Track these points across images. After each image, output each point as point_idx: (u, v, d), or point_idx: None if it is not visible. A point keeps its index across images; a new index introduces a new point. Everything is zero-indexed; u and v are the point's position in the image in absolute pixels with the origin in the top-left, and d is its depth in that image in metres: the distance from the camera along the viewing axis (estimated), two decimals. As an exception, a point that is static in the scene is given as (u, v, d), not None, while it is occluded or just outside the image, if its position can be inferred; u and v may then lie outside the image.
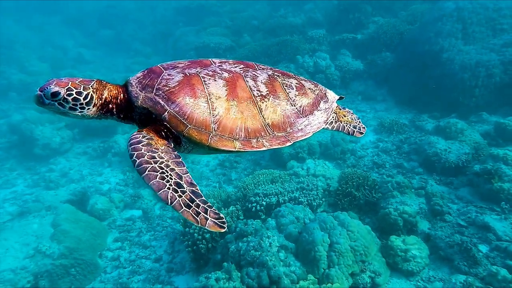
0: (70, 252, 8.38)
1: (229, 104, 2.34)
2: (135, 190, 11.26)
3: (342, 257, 6.72)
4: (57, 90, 2.17)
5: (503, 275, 6.22)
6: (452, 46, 12.35)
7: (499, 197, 8.24)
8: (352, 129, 3.10)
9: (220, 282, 6.51)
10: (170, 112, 2.25)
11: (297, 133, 2.58)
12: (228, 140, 2.33)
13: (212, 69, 2.45)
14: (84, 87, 2.28)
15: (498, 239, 7.41)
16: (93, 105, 2.34)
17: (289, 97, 2.60)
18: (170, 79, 2.33)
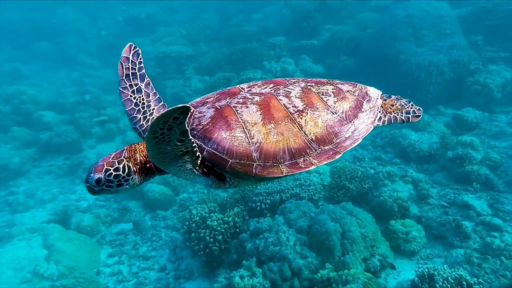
0: (70, 271, 8.07)
1: (267, 128, 2.23)
2: (119, 204, 11.01)
3: (355, 244, 7.21)
4: (98, 177, 2.18)
5: (497, 244, 7.07)
6: (407, 48, 13.59)
7: (471, 178, 9.26)
8: (406, 116, 2.89)
9: (245, 279, 6.70)
10: (208, 151, 2.17)
11: (345, 142, 2.43)
12: (273, 166, 2.22)
13: (242, 96, 2.37)
14: (118, 161, 2.25)
15: (478, 215, 8.35)
16: (134, 173, 2.30)
17: (328, 105, 2.46)
18: (202, 117, 2.26)
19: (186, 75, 17.49)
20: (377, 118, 2.71)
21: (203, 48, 20.21)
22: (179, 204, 10.59)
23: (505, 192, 9.10)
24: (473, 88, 12.49)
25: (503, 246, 7.07)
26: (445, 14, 14.52)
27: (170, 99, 16.44)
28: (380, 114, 2.77)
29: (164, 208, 10.48)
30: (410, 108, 2.94)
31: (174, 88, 16.78)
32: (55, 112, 16.74)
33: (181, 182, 11.34)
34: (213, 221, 8.03)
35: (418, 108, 2.96)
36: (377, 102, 2.75)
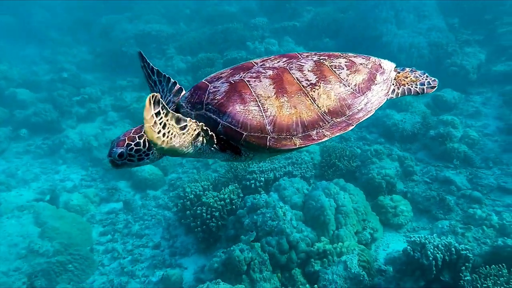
0: (65, 248, 8.08)
1: (280, 101, 2.28)
2: (107, 184, 10.96)
3: (348, 218, 7.54)
4: (120, 151, 2.23)
5: (479, 214, 7.57)
6: (389, 30, 13.94)
7: (451, 155, 9.76)
8: (421, 88, 2.91)
9: (244, 252, 6.91)
10: (223, 124, 2.22)
11: (357, 114, 2.47)
12: (287, 138, 2.28)
13: (256, 70, 2.41)
14: (138, 136, 2.27)
15: (459, 189, 8.86)
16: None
17: (340, 78, 2.49)
18: (216, 91, 2.31)
19: (167, 55, 17.26)
20: (390, 91, 2.75)
21: (182, 27, 19.92)
22: (169, 184, 10.65)
23: (482, 168, 9.67)
24: (451, 70, 13.01)
25: (485, 216, 7.58)
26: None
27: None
28: (393, 87, 2.80)
29: (154, 188, 10.52)
30: (425, 79, 2.95)
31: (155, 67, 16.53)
32: (29, 90, 16.22)
33: (170, 163, 11.37)
34: (208, 198, 8.17)
35: (433, 79, 2.96)
36: (390, 75, 2.77)
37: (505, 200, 8.76)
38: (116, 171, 2.35)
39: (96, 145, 12.42)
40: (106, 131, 13.04)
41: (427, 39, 13.76)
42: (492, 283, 5.85)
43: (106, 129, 13.28)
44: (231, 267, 6.89)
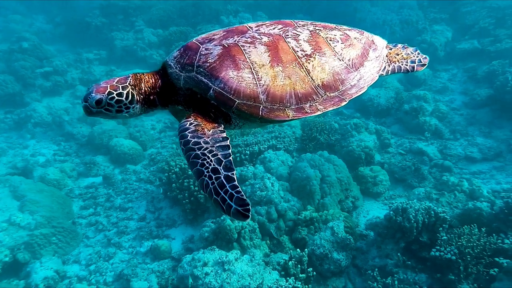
0: (48, 221, 7.94)
1: (275, 70, 2.21)
2: (83, 158, 10.73)
3: (333, 187, 7.88)
4: (99, 98, 2.13)
5: (452, 181, 8.12)
6: (363, 7, 14.24)
7: (423, 128, 10.30)
8: (411, 65, 2.88)
9: (235, 221, 7.10)
10: (215, 89, 2.15)
11: (350, 90, 2.43)
12: (280, 109, 2.23)
13: (250, 35, 2.31)
14: (122, 86, 2.21)
15: (431, 159, 9.41)
16: (136, 102, 2.27)
17: (335, 51, 2.43)
18: (209, 54, 2.21)
19: (136, 27, 16.76)
20: (382, 68, 2.71)
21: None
22: (150, 159, 10.58)
23: (451, 140, 10.31)
24: (421, 47, 13.47)
25: (457, 182, 8.16)
26: (395, -28, 15.28)
27: (121, 52, 15.79)
28: (385, 64, 2.76)
29: (134, 163, 10.42)
30: (416, 56, 2.91)
31: (124, 41, 16.08)
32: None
33: (149, 137, 11.27)
34: (195, 170, 8.22)
35: (424, 56, 2.92)
36: (382, 52, 2.73)
37: (471, 168, 9.44)
38: (89, 118, 2.22)
39: (68, 119, 12.07)
40: (78, 106, 12.63)
41: (399, 16, 14.21)
42: (466, 241, 6.37)
43: (78, 103, 12.85)
44: (222, 235, 7.07)
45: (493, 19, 15.96)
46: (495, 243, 6.39)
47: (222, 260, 6.08)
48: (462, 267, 6.24)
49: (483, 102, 11.46)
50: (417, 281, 6.53)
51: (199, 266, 6.06)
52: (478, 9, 16.60)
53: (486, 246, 6.30)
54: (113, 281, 7.23)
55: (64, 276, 7.30)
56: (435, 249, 6.44)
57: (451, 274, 6.28)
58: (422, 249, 6.74)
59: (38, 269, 7.20)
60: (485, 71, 12.72)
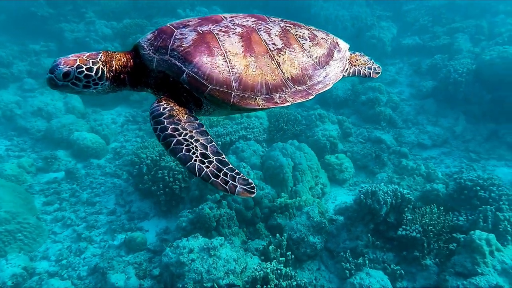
0: (13, 216, 7.60)
1: (247, 60, 2.27)
2: (40, 153, 10.28)
3: (304, 175, 8.25)
4: (67, 70, 2.10)
5: (411, 165, 8.80)
6: (317, 2, 14.76)
7: (379, 118, 10.99)
8: (368, 71, 3.15)
9: (214, 210, 7.24)
10: (188, 74, 2.16)
11: (317, 85, 2.56)
12: (251, 98, 2.27)
13: (225, 25, 2.37)
14: (92, 61, 2.18)
15: (388, 147, 10.09)
16: (106, 79, 2.25)
17: (304, 48, 2.54)
18: (183, 39, 2.23)
19: (86, 19, 16.13)
20: (345, 69, 2.88)
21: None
22: (114, 153, 10.36)
23: (404, 128, 11.10)
24: (371, 42, 14.32)
25: (415, 167, 8.86)
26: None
27: (72, 44, 15.16)
28: (347, 66, 2.94)
29: (97, 157, 10.15)
30: (372, 64, 3.21)
31: (75, 32, 15.45)
32: None
33: (111, 131, 11.01)
34: (168, 162, 8.25)
35: (378, 65, 3.24)
36: (346, 54, 2.90)
37: (423, 154, 10.26)
38: (52, 88, 2.17)
39: (20, 113, 11.44)
40: (30, 99, 12.01)
41: (350, 13, 14.93)
42: (428, 219, 6.99)
43: (29, 96, 12.20)
44: (200, 224, 7.18)
45: (430, 17, 17.26)
46: (452, 220, 7.07)
47: (208, 246, 6.21)
48: (425, 244, 6.83)
49: (429, 93, 12.43)
50: (386, 260, 7.04)
51: (185, 252, 6.15)
52: (418, 7, 17.87)
53: (445, 224, 6.95)
54: (87, 275, 7.10)
55: (33, 273, 7.05)
56: (401, 229, 6.97)
57: (416, 251, 6.85)
58: (389, 230, 7.26)
59: (4, 266, 6.90)
60: (428, 64, 13.79)
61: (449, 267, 6.56)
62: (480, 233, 6.41)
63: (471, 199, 7.52)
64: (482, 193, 7.41)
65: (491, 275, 6.14)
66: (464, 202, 7.61)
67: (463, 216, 7.33)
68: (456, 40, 14.59)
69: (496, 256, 6.33)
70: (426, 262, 6.83)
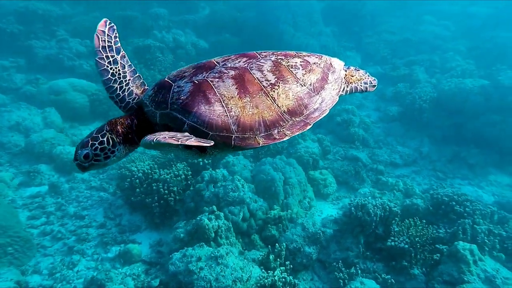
0: (3, 230, 7.35)
1: (243, 101, 2.34)
2: (19, 168, 9.97)
3: (294, 188, 8.66)
4: (86, 152, 2.33)
5: (391, 181, 9.50)
6: (288, 31, 15.59)
7: (354, 138, 11.74)
8: (365, 86, 3.13)
9: (212, 221, 7.43)
10: (189, 124, 2.27)
11: (313, 113, 2.56)
12: (250, 138, 2.34)
13: (218, 70, 2.45)
14: (101, 134, 2.38)
15: (365, 165, 10.78)
16: (118, 144, 2.43)
17: (297, 78, 2.57)
18: (181, 91, 2.35)
19: (58, 37, 15.95)
20: (341, 89, 2.87)
21: (66, 9, 18.51)
22: (98, 166, 10.25)
23: (376, 148, 11.90)
24: (340, 70, 15.27)
25: (394, 182, 9.56)
26: (314, 3, 17.07)
27: (44, 61, 14.96)
28: (343, 85, 2.95)
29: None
30: (367, 78, 3.16)
31: (47, 49, 15.25)
32: None
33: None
34: (161, 175, 8.37)
35: (374, 78, 3.18)
36: (340, 74, 2.89)
37: (395, 172, 11.05)
38: (83, 172, 2.43)
39: (-6, 128, 11.05)
40: (6, 113, 11.62)
41: (318, 42, 15.92)
42: (414, 231, 7.60)
43: (3, 111, 11.80)
44: (198, 235, 7.32)
45: (389, 50, 18.74)
46: (433, 232, 7.71)
47: (215, 255, 6.39)
48: (413, 254, 7.39)
49: (395, 117, 13.45)
50: (376, 269, 7.53)
51: (193, 261, 6.28)
52: (377, 41, 19.33)
53: (429, 235, 7.57)
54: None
55: (26, 287, 6.84)
56: (390, 240, 7.51)
57: (404, 261, 7.40)
58: (377, 241, 7.78)
59: (-4, 281, 6.68)
60: (392, 91, 14.90)
61: (436, 276, 7.10)
62: (463, 244, 7.06)
63: (448, 213, 8.25)
64: (458, 207, 8.16)
65: (476, 283, 6.75)
66: (442, 216, 8.32)
67: (442, 229, 8.02)
68: (414, 71, 15.98)
69: (479, 265, 6.98)
70: (414, 272, 7.35)
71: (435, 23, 21.96)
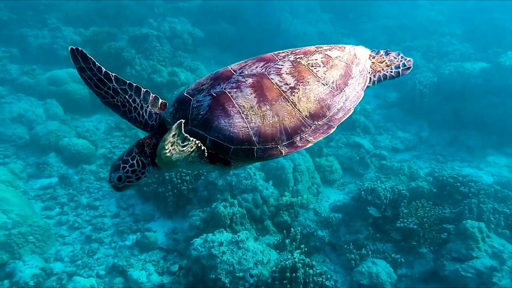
0: (23, 219, 7.43)
1: (262, 110, 2.25)
2: (26, 160, 9.99)
3: (303, 175, 8.88)
4: (118, 176, 2.35)
5: (396, 166, 9.76)
6: (286, 18, 15.64)
7: (355, 125, 11.96)
8: (396, 71, 2.92)
9: (227, 208, 7.61)
10: (211, 139, 2.24)
11: (337, 114, 2.44)
12: (273, 148, 2.26)
13: (235, 80, 2.36)
14: (131, 157, 2.38)
15: (367, 151, 11.03)
16: (147, 165, 2.41)
17: (318, 77, 2.43)
18: (200, 106, 2.30)
19: (50, 25, 15.75)
20: (367, 82, 2.70)
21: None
22: (106, 158, 10.34)
23: (377, 134, 12.14)
24: (338, 57, 15.43)
25: (399, 166, 9.83)
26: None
27: (38, 51, 14.79)
28: (369, 76, 2.76)
29: (89, 163, 10.06)
30: (400, 61, 2.95)
31: (39, 38, 15.07)
32: None
33: (98, 137, 10.96)
34: (174, 164, 8.49)
35: (408, 59, 2.96)
36: (366, 64, 2.73)
37: (397, 157, 11.32)
38: (118, 192, 2.44)
39: (-2, 120, 10.99)
40: (7, 105, 11.55)
41: (316, 29, 15.99)
42: (423, 212, 7.89)
43: (5, 102, 11.72)
44: (214, 222, 7.52)
45: (385, 35, 18.92)
46: (439, 213, 8.01)
47: (236, 240, 6.59)
48: (421, 234, 7.69)
49: (394, 103, 13.71)
50: (385, 250, 7.82)
51: (215, 246, 6.47)
52: (373, 27, 19.48)
53: (436, 216, 7.88)
54: (106, 274, 7.16)
55: (50, 273, 6.98)
56: (399, 221, 7.80)
57: (413, 241, 7.70)
58: (386, 223, 8.07)
59: (23, 268, 6.79)
60: (390, 78, 15.11)
61: (445, 253, 7.44)
62: (472, 222, 7.39)
63: (453, 194, 8.57)
64: (463, 188, 8.48)
65: (484, 258, 7.10)
66: (447, 197, 8.64)
67: (447, 209, 8.34)
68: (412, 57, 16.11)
69: (487, 241, 7.32)
70: (422, 250, 7.67)
71: (429, 8, 22.13)
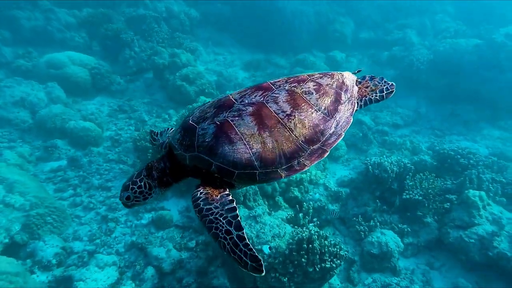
0: (41, 201, 7.56)
1: (263, 137, 2.45)
2: (32, 143, 10.00)
3: (311, 151, 9.07)
4: (127, 195, 2.61)
5: (399, 141, 10.03)
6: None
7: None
8: (380, 95, 3.09)
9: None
10: (216, 165, 2.43)
11: (330, 139, 2.64)
12: (273, 171, 2.46)
13: (237, 109, 2.55)
14: (139, 179, 2.63)
15: (369, 127, 11.29)
16: (154, 187, 2.66)
17: (311, 104, 2.64)
18: (205, 133, 2.48)
19: (41, 6, 15.44)
20: (355, 108, 2.89)
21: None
22: (113, 140, 10.40)
23: (377, 111, 12.39)
24: (334, 35, 15.56)
25: (402, 141, 10.12)
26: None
27: (31, 33, 14.50)
28: (356, 102, 2.96)
29: (96, 145, 10.12)
30: (384, 85, 3.14)
31: (32, 20, 14.77)
32: None
33: (103, 120, 10.99)
34: (185, 144, 8.64)
35: (391, 83, 3.16)
36: (353, 90, 2.95)
37: (397, 132, 11.61)
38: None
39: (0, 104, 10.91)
40: (7, 89, 11.44)
41: (313, 8, 16.01)
42: (427, 184, 8.20)
43: (4, 86, 11.60)
44: (228, 199, 7.71)
45: (380, 14, 19.00)
46: (442, 184, 8.34)
47: (254, 214, 6.81)
48: (426, 205, 8.02)
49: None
50: (392, 221, 8.14)
51: (235, 221, 6.68)
52: (367, 5, 19.50)
53: (439, 187, 8.20)
54: (126, 251, 7.35)
55: (71, 252, 7.15)
56: (405, 193, 8.10)
57: (419, 211, 8.03)
58: (392, 196, 8.37)
59: (44, 247, 6.97)
60: (387, 55, 15.31)
61: (448, 222, 7.81)
62: (473, 191, 7.74)
63: (454, 166, 8.90)
64: (463, 160, 8.81)
65: (485, 224, 7.47)
66: (447, 170, 8.97)
67: (449, 181, 8.67)
68: (407, 35, 16.36)
69: (487, 209, 7.69)
70: (427, 220, 8.01)
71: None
